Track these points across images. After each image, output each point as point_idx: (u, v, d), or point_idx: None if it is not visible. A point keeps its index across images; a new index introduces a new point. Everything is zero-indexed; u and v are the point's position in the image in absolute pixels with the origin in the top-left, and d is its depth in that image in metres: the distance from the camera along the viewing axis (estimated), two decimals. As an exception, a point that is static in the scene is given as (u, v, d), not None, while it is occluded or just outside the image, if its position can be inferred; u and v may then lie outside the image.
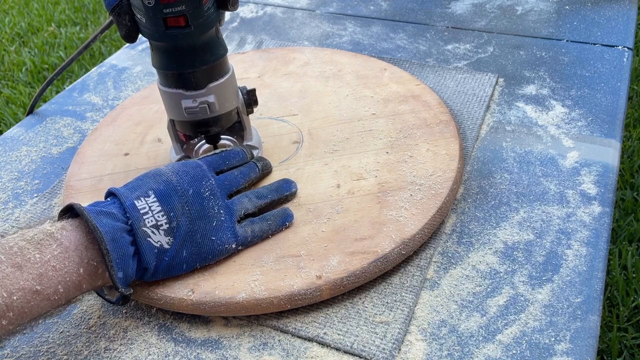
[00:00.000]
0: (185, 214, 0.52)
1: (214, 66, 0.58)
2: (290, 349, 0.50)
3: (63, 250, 0.47)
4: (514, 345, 0.49)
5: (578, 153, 0.67)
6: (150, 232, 0.50)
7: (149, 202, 0.51)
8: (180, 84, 0.58)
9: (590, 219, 0.59)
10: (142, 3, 0.52)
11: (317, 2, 1.04)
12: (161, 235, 0.51)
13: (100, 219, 0.48)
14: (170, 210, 0.51)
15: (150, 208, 0.51)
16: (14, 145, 0.77)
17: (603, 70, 0.80)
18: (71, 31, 2.40)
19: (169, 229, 0.51)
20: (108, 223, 0.48)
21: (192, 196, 0.53)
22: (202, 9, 0.54)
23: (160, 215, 0.51)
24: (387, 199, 0.59)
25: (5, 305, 0.43)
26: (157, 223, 0.50)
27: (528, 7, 0.97)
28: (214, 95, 0.59)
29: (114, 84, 0.88)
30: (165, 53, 0.56)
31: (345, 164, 0.64)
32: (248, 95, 0.64)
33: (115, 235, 0.48)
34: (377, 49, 0.89)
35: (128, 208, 0.50)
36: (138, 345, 0.52)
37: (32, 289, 0.45)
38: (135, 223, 0.50)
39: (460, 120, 0.73)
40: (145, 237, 0.50)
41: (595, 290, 0.52)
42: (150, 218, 0.50)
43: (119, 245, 0.48)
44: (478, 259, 0.56)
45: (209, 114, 0.59)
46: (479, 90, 0.77)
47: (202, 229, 0.52)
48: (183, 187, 0.53)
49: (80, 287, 0.48)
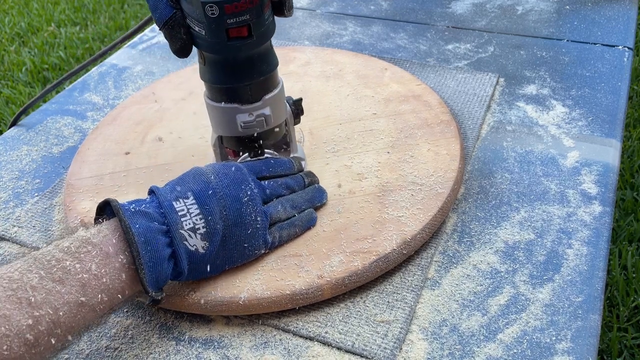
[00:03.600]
0: (223, 219, 0.50)
1: (269, 77, 0.56)
2: (292, 348, 0.50)
3: (103, 257, 0.45)
4: (515, 344, 0.49)
5: (578, 153, 0.67)
6: (187, 235, 0.49)
7: (187, 203, 0.50)
8: (236, 98, 0.56)
9: (590, 219, 0.59)
10: (203, 14, 0.50)
11: (318, 1, 1.04)
12: (197, 239, 0.49)
13: (135, 220, 0.47)
14: (209, 213, 0.50)
15: (189, 210, 0.49)
16: (15, 144, 0.77)
17: (603, 70, 0.80)
18: (71, 31, 2.40)
19: (206, 233, 0.49)
20: (142, 224, 0.47)
21: (231, 200, 0.51)
22: (264, 18, 0.52)
23: (198, 218, 0.49)
24: (388, 198, 0.59)
25: (53, 323, 0.42)
26: (194, 226, 0.49)
27: (528, 7, 0.97)
28: (270, 108, 0.57)
29: (115, 83, 0.88)
30: (221, 66, 0.54)
31: (346, 163, 0.64)
32: (295, 105, 0.62)
33: (148, 237, 0.46)
34: (377, 48, 0.89)
35: (166, 209, 0.49)
36: (139, 344, 0.52)
37: (77, 302, 0.43)
38: (173, 225, 0.48)
39: (461, 120, 0.73)
40: (182, 240, 0.48)
41: (596, 289, 0.53)
42: (188, 221, 0.49)
43: (152, 247, 0.46)
44: (479, 258, 0.56)
45: (265, 127, 0.58)
46: (480, 90, 0.77)
47: (236, 235, 0.51)
48: (222, 190, 0.51)
49: (123, 293, 0.46)
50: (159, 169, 0.67)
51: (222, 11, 0.49)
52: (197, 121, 0.73)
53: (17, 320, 0.40)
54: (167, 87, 0.81)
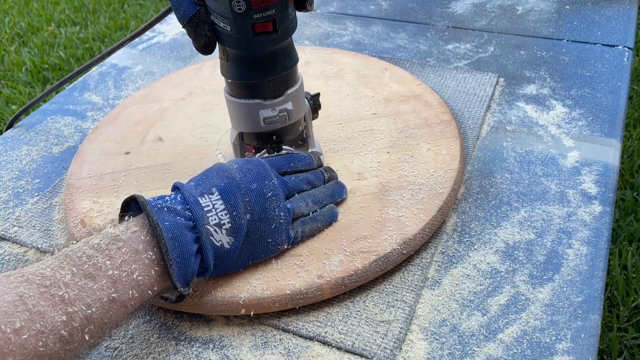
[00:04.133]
0: (248, 214, 0.51)
1: (291, 72, 0.57)
2: (292, 348, 0.50)
3: (133, 253, 0.45)
4: (515, 344, 0.49)
5: (578, 153, 0.67)
6: (213, 230, 0.49)
7: (212, 199, 0.50)
8: (259, 94, 0.56)
9: (590, 219, 0.59)
10: (230, 9, 0.49)
11: (318, 1, 1.04)
12: (223, 235, 0.49)
13: (162, 216, 0.47)
14: (234, 209, 0.50)
15: (214, 206, 0.49)
16: (15, 144, 0.77)
17: (603, 70, 0.80)
18: (71, 31, 2.40)
19: (231, 228, 0.50)
20: (170, 220, 0.47)
21: (255, 196, 0.51)
22: (287, 13, 0.52)
23: (223, 213, 0.49)
24: (388, 198, 0.59)
25: (86, 319, 0.42)
26: (220, 222, 0.49)
27: (528, 7, 0.97)
28: (292, 102, 0.57)
29: (115, 83, 0.88)
30: (245, 62, 0.54)
31: (346, 163, 0.64)
32: (313, 100, 0.62)
33: (176, 233, 0.46)
34: (377, 48, 0.89)
35: (192, 204, 0.49)
36: (139, 344, 0.52)
37: (109, 298, 0.43)
38: (199, 220, 0.48)
39: (460, 120, 0.73)
40: (208, 235, 0.48)
41: (596, 289, 0.53)
42: (213, 216, 0.49)
43: (180, 243, 0.46)
44: (479, 258, 0.56)
45: (288, 121, 0.58)
46: (480, 90, 0.77)
47: (260, 230, 0.51)
48: (246, 185, 0.51)
49: (152, 289, 0.46)
50: (159, 169, 0.67)
51: (249, 6, 0.50)
52: (197, 121, 0.73)
53: (52, 317, 0.40)
54: (167, 87, 0.81)
